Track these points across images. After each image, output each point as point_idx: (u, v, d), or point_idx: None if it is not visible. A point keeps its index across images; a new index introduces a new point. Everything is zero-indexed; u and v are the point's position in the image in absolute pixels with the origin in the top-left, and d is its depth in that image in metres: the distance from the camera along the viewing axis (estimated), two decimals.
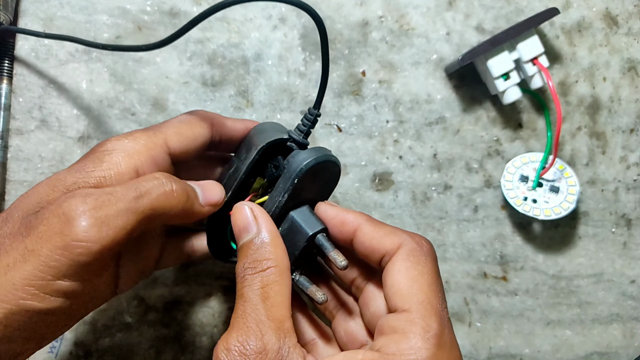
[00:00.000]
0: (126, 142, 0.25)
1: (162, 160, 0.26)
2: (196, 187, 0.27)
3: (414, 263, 0.25)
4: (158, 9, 0.37)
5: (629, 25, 0.39)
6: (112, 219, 0.22)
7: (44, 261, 0.21)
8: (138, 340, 0.36)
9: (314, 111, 0.28)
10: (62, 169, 0.25)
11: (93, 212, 0.22)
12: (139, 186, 0.24)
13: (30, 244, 0.21)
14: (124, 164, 0.25)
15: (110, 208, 0.22)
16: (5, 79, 0.36)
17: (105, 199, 0.22)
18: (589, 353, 0.39)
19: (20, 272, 0.21)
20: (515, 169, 0.37)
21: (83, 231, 0.21)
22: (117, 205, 0.22)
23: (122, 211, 0.22)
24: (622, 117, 0.39)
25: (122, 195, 0.23)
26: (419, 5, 0.38)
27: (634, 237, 0.40)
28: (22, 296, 0.21)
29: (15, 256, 0.21)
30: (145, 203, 0.23)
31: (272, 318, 0.23)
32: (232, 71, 0.38)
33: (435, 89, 0.39)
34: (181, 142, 0.27)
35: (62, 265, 0.21)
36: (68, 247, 0.21)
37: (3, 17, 0.34)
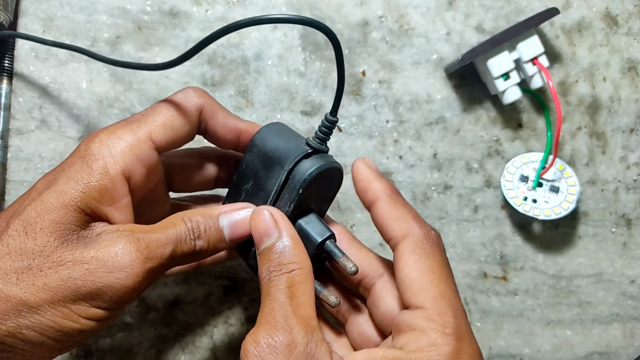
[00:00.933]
0: (109, 143, 0.25)
1: (148, 157, 0.26)
2: (225, 222, 0.27)
3: (422, 256, 0.24)
4: (158, 9, 0.37)
5: (629, 25, 0.39)
6: (157, 270, 0.24)
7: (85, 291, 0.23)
8: (138, 340, 0.36)
9: (331, 118, 0.27)
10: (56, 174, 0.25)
11: (145, 262, 0.24)
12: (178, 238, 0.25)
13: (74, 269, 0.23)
14: (112, 171, 0.25)
15: (156, 259, 0.24)
16: (5, 79, 0.36)
17: (152, 249, 0.24)
18: (589, 353, 0.39)
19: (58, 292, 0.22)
20: (515, 169, 0.37)
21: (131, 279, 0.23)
22: (159, 259, 0.24)
23: (164, 263, 0.24)
24: (622, 117, 0.39)
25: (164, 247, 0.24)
26: (419, 5, 0.38)
27: (634, 237, 0.40)
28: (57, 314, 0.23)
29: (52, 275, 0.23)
30: (178, 255, 0.25)
31: (299, 315, 0.23)
32: (232, 71, 0.38)
33: (435, 89, 0.39)
34: (167, 134, 0.27)
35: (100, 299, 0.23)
36: (112, 284, 0.23)
37: (3, 17, 0.34)
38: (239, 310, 0.37)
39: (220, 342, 0.37)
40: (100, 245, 0.23)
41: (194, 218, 0.26)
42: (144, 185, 0.27)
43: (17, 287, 0.22)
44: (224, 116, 0.29)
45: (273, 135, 0.28)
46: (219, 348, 0.37)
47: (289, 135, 0.29)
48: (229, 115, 0.29)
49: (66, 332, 0.23)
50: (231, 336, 0.37)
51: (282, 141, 0.28)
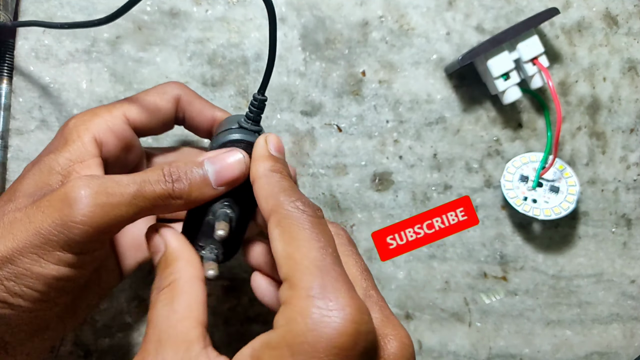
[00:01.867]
0: (85, 117, 0.28)
1: (121, 129, 0.28)
2: (209, 165, 0.26)
3: (285, 228, 0.23)
4: (158, 9, 0.37)
5: (629, 25, 0.39)
6: (110, 208, 0.24)
7: (43, 234, 0.23)
8: (138, 340, 0.36)
9: (259, 96, 0.28)
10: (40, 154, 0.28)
11: (94, 197, 0.23)
12: (144, 179, 0.25)
13: (34, 217, 0.23)
14: (84, 136, 0.27)
15: (111, 197, 0.24)
16: (5, 79, 0.36)
17: (109, 186, 0.24)
18: (589, 353, 0.39)
19: (23, 240, 0.23)
20: (515, 169, 0.37)
21: (80, 214, 0.23)
22: (118, 195, 0.24)
23: (122, 202, 0.24)
24: (622, 117, 0.39)
25: (126, 186, 0.24)
26: (419, 5, 0.38)
27: (634, 237, 0.40)
28: (26, 261, 0.23)
29: (20, 227, 0.23)
30: (147, 197, 0.25)
31: (173, 334, 0.23)
32: (232, 71, 0.38)
33: (435, 89, 0.39)
34: (141, 114, 0.29)
35: (59, 240, 0.23)
36: (65, 225, 0.23)
37: (3, 17, 0.34)
38: (239, 310, 0.37)
39: (220, 342, 0.37)
40: (54, 190, 0.24)
41: (173, 164, 0.26)
42: (119, 156, 0.29)
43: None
44: (201, 105, 0.31)
45: (225, 122, 0.30)
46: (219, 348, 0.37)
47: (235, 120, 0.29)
48: (206, 104, 0.31)
49: (40, 279, 0.23)
50: (231, 336, 0.37)
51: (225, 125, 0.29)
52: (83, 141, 0.27)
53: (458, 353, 0.39)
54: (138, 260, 0.31)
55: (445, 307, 0.39)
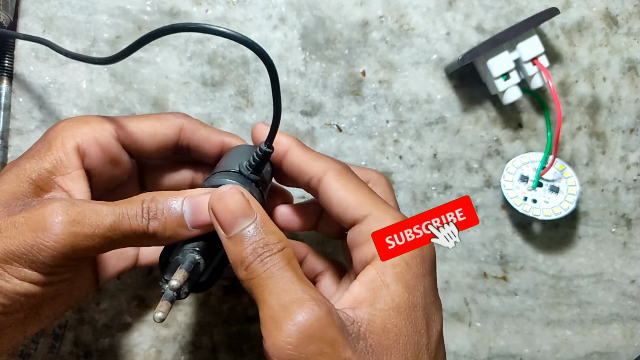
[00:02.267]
0: (73, 123, 0.27)
1: (108, 144, 0.27)
2: (187, 205, 0.25)
3: (348, 180, 0.26)
4: (158, 9, 0.37)
5: (629, 25, 0.39)
6: (83, 238, 0.23)
7: (12, 250, 0.23)
8: (138, 340, 0.36)
9: (264, 148, 0.27)
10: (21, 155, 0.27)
11: (68, 225, 0.23)
12: (123, 211, 0.24)
13: (7, 231, 0.23)
14: (67, 144, 0.26)
15: (86, 227, 0.23)
16: (5, 79, 0.36)
17: (86, 216, 0.23)
18: (589, 353, 0.39)
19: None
20: (515, 169, 0.37)
21: (52, 240, 0.23)
22: (94, 226, 0.23)
23: (96, 234, 0.23)
24: (622, 117, 0.39)
25: (104, 217, 0.24)
26: (419, 5, 0.38)
27: (634, 237, 0.40)
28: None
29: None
30: (122, 231, 0.24)
31: (310, 288, 0.23)
32: (232, 71, 0.38)
33: (435, 89, 0.39)
34: (136, 135, 0.28)
35: (27, 259, 0.23)
36: (35, 247, 0.23)
37: (3, 17, 0.34)
38: (239, 310, 0.37)
39: (220, 342, 0.37)
40: (33, 208, 0.24)
41: (155, 198, 0.25)
42: (103, 169, 0.28)
43: None
44: (207, 132, 0.30)
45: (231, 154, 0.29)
46: (219, 348, 0.37)
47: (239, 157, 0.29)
48: (212, 131, 0.31)
49: (2, 292, 0.23)
50: (231, 336, 0.37)
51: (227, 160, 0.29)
52: (66, 150, 0.26)
53: (458, 353, 0.39)
54: (118, 270, 0.31)
55: (445, 307, 0.39)
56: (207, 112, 0.37)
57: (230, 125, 0.37)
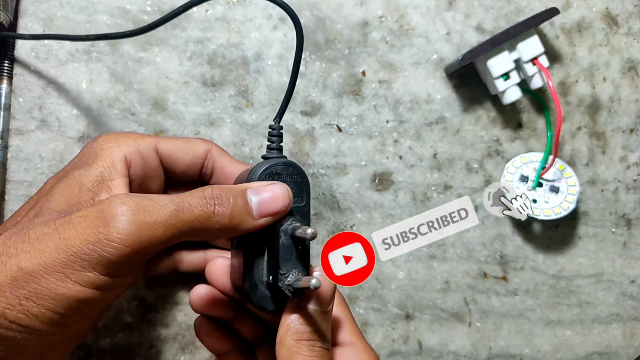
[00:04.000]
0: (118, 136, 0.28)
1: (149, 155, 0.29)
2: (252, 194, 0.25)
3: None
4: (158, 9, 0.37)
5: (629, 25, 0.39)
6: (148, 227, 0.22)
7: (74, 251, 0.22)
8: (138, 340, 0.36)
9: (275, 125, 0.29)
10: (65, 167, 0.28)
11: (131, 215, 0.22)
12: (182, 200, 0.23)
13: (65, 233, 0.22)
14: (115, 154, 0.27)
15: (149, 215, 0.22)
16: (5, 79, 0.36)
17: (146, 205, 0.22)
18: (589, 353, 0.39)
19: (51, 257, 0.22)
20: (515, 169, 0.37)
21: (117, 232, 0.22)
22: (156, 215, 0.22)
23: (159, 222, 0.22)
24: (622, 117, 0.39)
25: (164, 205, 0.23)
26: (419, 5, 0.38)
27: (634, 237, 0.40)
28: (52, 280, 0.22)
29: (48, 243, 0.22)
30: (185, 219, 0.23)
31: None
32: (232, 71, 0.38)
33: (435, 89, 0.39)
34: (170, 149, 0.29)
35: (92, 259, 0.22)
36: (99, 243, 0.22)
37: (3, 17, 0.34)
38: None
39: None
40: (90, 206, 0.23)
41: (216, 187, 0.24)
42: (143, 182, 0.29)
43: (17, 257, 0.22)
44: (231, 158, 0.32)
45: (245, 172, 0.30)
46: None
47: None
48: (235, 160, 0.32)
49: (64, 300, 0.22)
50: None
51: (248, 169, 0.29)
52: (113, 159, 0.27)
53: (458, 353, 0.39)
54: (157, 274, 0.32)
55: (445, 307, 0.39)
56: (207, 112, 0.37)
57: (230, 125, 0.37)
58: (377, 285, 0.38)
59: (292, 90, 0.29)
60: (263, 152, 0.38)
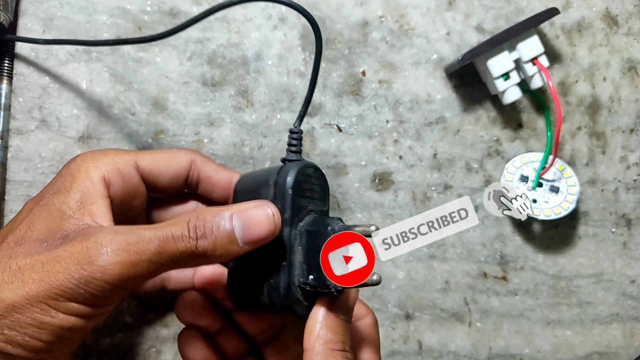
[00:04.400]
0: (95, 155, 0.27)
1: (129, 173, 0.28)
2: (237, 221, 0.24)
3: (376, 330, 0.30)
4: (158, 9, 0.37)
5: (629, 25, 0.39)
6: (131, 266, 0.23)
7: (58, 285, 0.22)
8: (138, 340, 0.36)
9: (294, 129, 0.30)
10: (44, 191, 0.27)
11: (115, 255, 0.22)
12: (166, 234, 0.23)
13: (50, 266, 0.22)
14: (93, 175, 0.26)
15: (133, 254, 0.23)
16: (5, 79, 0.36)
17: (132, 241, 0.23)
18: (589, 353, 0.39)
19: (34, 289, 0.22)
20: (515, 169, 0.37)
21: (100, 271, 0.22)
22: (140, 254, 0.23)
23: (143, 260, 0.23)
24: (622, 117, 0.39)
25: (148, 242, 0.23)
26: (419, 5, 0.38)
27: (634, 237, 0.40)
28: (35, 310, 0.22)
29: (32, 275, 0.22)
30: (169, 254, 0.23)
31: None
32: (232, 71, 0.38)
33: (435, 89, 0.39)
34: (152, 164, 0.29)
35: (75, 293, 0.22)
36: (83, 279, 0.22)
37: (3, 17, 0.34)
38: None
39: None
40: (75, 240, 0.23)
41: (201, 215, 0.24)
42: (124, 200, 0.28)
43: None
44: (217, 166, 0.31)
45: (251, 174, 0.30)
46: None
47: (261, 170, 0.30)
48: (221, 166, 0.31)
49: (48, 329, 0.22)
50: None
51: (260, 173, 0.30)
52: (92, 180, 0.26)
53: (458, 353, 0.39)
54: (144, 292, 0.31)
55: (445, 307, 0.39)
56: (207, 112, 0.37)
57: (230, 125, 0.37)
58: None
59: (312, 93, 0.30)
60: (263, 152, 0.38)
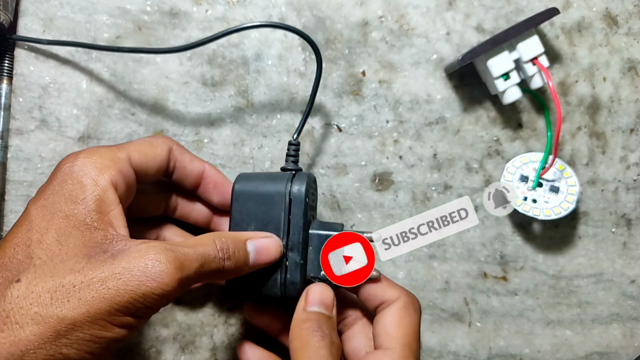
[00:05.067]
0: (94, 159, 0.27)
1: (128, 173, 0.28)
2: (251, 248, 0.29)
3: (405, 314, 0.30)
4: (158, 9, 0.37)
5: (629, 25, 0.39)
6: (184, 282, 0.25)
7: (119, 301, 0.23)
8: (138, 340, 0.36)
9: (294, 140, 0.34)
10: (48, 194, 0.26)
11: (175, 272, 0.24)
12: (205, 254, 0.26)
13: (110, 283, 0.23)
14: (101, 181, 0.26)
15: (184, 271, 0.25)
16: (5, 79, 0.36)
17: (182, 259, 0.25)
18: (589, 353, 0.39)
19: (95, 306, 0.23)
20: (515, 169, 0.37)
21: (162, 287, 0.24)
22: (189, 271, 0.25)
23: (190, 277, 0.25)
24: (622, 117, 0.39)
25: (194, 261, 0.26)
26: (419, 5, 0.38)
27: (634, 237, 0.40)
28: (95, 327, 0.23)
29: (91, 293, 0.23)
30: (205, 272, 0.26)
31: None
32: (232, 71, 0.38)
33: (435, 89, 0.39)
34: (141, 159, 0.29)
35: (134, 308, 0.24)
36: (145, 296, 0.24)
37: (3, 17, 0.34)
38: (239, 310, 0.37)
39: (220, 342, 0.37)
40: (130, 257, 0.24)
41: (224, 239, 0.27)
42: (125, 200, 0.28)
43: (52, 306, 0.23)
44: (191, 156, 0.32)
45: (252, 179, 0.32)
46: (219, 348, 0.37)
47: (263, 174, 0.32)
48: (195, 156, 0.33)
49: (102, 343, 0.23)
50: (231, 336, 0.37)
51: (263, 179, 0.32)
52: (103, 187, 0.26)
53: (458, 353, 0.39)
54: None
55: (445, 307, 0.39)
56: (207, 112, 0.37)
57: (230, 125, 0.37)
58: None
59: (310, 108, 0.34)
60: (263, 152, 0.38)
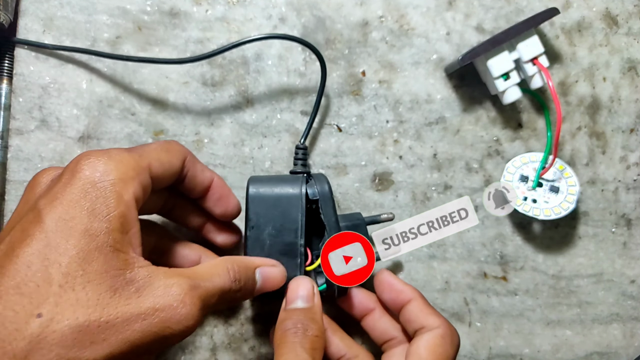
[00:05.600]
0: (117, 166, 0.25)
1: (147, 184, 0.27)
2: (259, 276, 0.29)
3: (441, 343, 0.30)
4: (158, 9, 0.37)
5: (629, 25, 0.39)
6: (203, 317, 0.25)
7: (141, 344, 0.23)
8: None
9: (302, 145, 0.36)
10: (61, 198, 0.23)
11: (197, 312, 0.25)
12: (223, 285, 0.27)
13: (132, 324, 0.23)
14: (126, 195, 0.24)
15: (205, 308, 0.25)
16: (5, 79, 0.36)
17: (203, 296, 0.25)
18: (589, 353, 0.39)
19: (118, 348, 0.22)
20: (515, 169, 0.37)
21: (184, 330, 0.24)
22: (209, 304, 0.26)
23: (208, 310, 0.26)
24: (622, 117, 0.39)
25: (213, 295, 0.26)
26: (419, 5, 0.38)
27: (634, 237, 0.40)
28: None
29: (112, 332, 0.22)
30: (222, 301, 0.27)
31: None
32: (232, 71, 0.38)
33: (435, 89, 0.39)
34: (159, 169, 0.28)
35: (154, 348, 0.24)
36: (167, 336, 0.24)
37: (3, 17, 0.34)
38: (239, 310, 0.37)
39: (220, 342, 0.37)
40: (155, 295, 0.24)
41: (237, 268, 0.28)
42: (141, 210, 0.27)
43: (75, 348, 0.21)
44: (202, 166, 0.32)
45: (265, 182, 0.32)
46: (219, 348, 0.37)
47: (275, 177, 0.34)
48: (205, 167, 0.33)
49: None
50: (231, 336, 0.37)
51: (277, 181, 0.32)
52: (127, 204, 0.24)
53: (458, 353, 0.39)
54: None
55: (445, 307, 0.39)
56: (207, 112, 0.37)
57: (230, 126, 0.37)
58: None
59: (316, 114, 0.36)
60: (263, 152, 0.38)
